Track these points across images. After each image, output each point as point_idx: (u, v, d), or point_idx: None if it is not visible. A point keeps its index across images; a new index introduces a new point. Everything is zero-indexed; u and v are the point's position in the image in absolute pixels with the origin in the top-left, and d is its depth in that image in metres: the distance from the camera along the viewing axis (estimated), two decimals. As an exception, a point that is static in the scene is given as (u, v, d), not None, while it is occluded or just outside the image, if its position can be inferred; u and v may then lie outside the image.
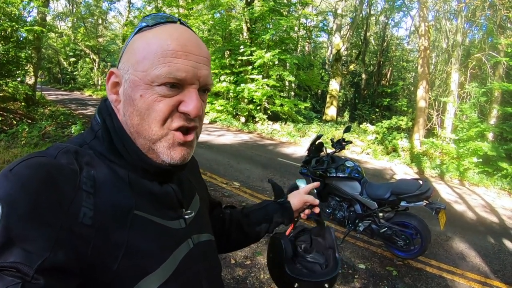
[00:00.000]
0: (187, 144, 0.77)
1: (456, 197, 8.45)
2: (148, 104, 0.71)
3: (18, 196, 0.55)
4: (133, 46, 0.75)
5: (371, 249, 4.93)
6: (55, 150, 0.69)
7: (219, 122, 18.52)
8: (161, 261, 0.72)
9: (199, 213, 0.93)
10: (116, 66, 0.79)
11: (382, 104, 26.65)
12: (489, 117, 14.25)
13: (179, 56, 0.71)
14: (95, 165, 0.71)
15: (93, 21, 35.42)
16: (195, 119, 0.76)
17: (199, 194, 1.00)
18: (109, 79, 0.78)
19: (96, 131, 0.78)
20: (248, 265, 4.15)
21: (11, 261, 0.51)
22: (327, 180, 4.97)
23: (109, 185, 0.70)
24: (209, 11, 18.74)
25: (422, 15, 15.40)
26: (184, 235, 0.82)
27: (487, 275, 4.52)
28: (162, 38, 0.72)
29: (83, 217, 0.62)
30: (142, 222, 0.71)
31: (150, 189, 0.77)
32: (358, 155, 13.21)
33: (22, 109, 14.34)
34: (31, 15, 16.00)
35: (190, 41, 0.74)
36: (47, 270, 0.53)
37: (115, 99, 0.77)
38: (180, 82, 0.72)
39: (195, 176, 1.04)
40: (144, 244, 0.70)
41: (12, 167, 0.60)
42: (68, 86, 38.21)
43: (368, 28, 28.62)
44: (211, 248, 0.95)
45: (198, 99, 0.75)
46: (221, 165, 8.90)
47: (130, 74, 0.73)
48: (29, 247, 0.53)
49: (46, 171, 0.61)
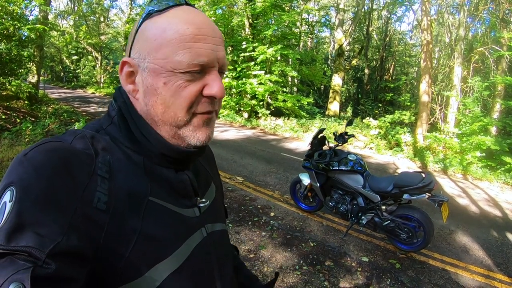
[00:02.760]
0: (210, 123, 0.78)
1: (459, 191, 8.44)
2: (173, 91, 0.71)
3: (32, 180, 0.56)
4: (147, 34, 0.72)
5: (374, 242, 4.94)
6: (72, 135, 0.70)
7: (222, 118, 18.48)
8: (174, 249, 0.73)
9: (214, 202, 0.93)
10: (128, 54, 0.77)
11: (385, 99, 26.54)
12: (492, 111, 14.17)
13: (198, 40, 0.70)
14: (111, 151, 0.71)
15: (95, 19, 35.29)
16: (217, 102, 0.77)
17: (215, 184, 1.00)
18: (122, 69, 0.75)
19: (113, 116, 0.78)
20: (251, 259, 4.18)
21: (22, 245, 0.50)
22: (329, 173, 4.98)
23: (124, 171, 0.70)
24: (211, 7, 18.68)
25: (425, 9, 15.30)
26: (198, 224, 0.82)
27: (490, 268, 4.53)
28: (178, 23, 0.70)
29: (97, 202, 0.62)
30: (157, 208, 0.72)
31: (166, 176, 0.77)
32: (361, 149, 13.19)
33: (26, 107, 14.38)
34: (33, 14, 16.02)
35: (204, 23, 0.73)
36: (59, 255, 0.53)
37: (132, 89, 0.75)
38: (203, 67, 0.71)
39: (211, 166, 1.04)
40: (157, 231, 0.70)
41: (27, 152, 0.60)
42: (71, 84, 38.34)
43: (371, 22, 28.47)
44: (224, 238, 0.95)
45: (221, 81, 0.75)
46: (224, 160, 8.91)
47: (148, 63, 0.71)
48: (42, 231, 0.52)
49: (60, 156, 0.61)
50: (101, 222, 0.62)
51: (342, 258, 4.44)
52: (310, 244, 4.72)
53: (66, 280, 0.53)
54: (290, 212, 5.78)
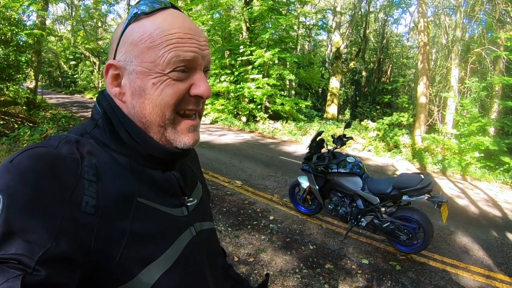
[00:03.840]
0: (196, 127, 0.79)
1: (459, 192, 8.44)
2: (161, 90, 0.72)
3: (18, 187, 0.55)
4: (133, 37, 0.73)
5: (374, 244, 4.93)
6: (56, 140, 0.69)
7: (220, 122, 18.53)
8: (164, 249, 0.72)
9: (201, 201, 0.94)
10: (112, 57, 0.77)
11: (383, 101, 26.59)
12: (490, 112, 14.20)
13: (183, 41, 0.72)
14: (96, 154, 0.71)
15: (92, 24, 35.43)
16: (201, 102, 0.78)
17: (201, 183, 1.00)
18: (108, 72, 0.76)
19: (97, 120, 0.77)
20: (251, 262, 4.16)
21: (12, 253, 0.50)
22: (328, 176, 4.97)
23: (111, 173, 0.70)
24: (208, 11, 18.76)
25: (421, 11, 15.38)
26: (187, 223, 0.82)
27: (491, 268, 4.52)
28: (165, 27, 0.71)
29: (86, 206, 0.62)
30: (145, 209, 0.71)
31: (153, 177, 0.77)
32: (359, 152, 13.20)
33: (24, 113, 14.39)
34: (30, 19, 16.08)
35: (191, 27, 0.74)
36: (49, 261, 0.52)
37: (118, 91, 0.76)
38: (189, 65, 0.73)
39: (196, 166, 1.04)
40: (147, 232, 0.70)
41: (13, 158, 0.59)
42: (69, 89, 38.43)
43: (368, 25, 28.61)
44: (213, 237, 0.95)
45: (207, 81, 0.77)
46: (223, 164, 8.90)
47: (135, 66, 0.72)
48: (30, 238, 0.52)
49: (46, 161, 0.61)
50: (90, 225, 0.61)
51: (342, 260, 4.42)
52: (309, 247, 4.71)
53: (57, 286, 0.53)
54: (289, 215, 5.77)
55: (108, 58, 0.78)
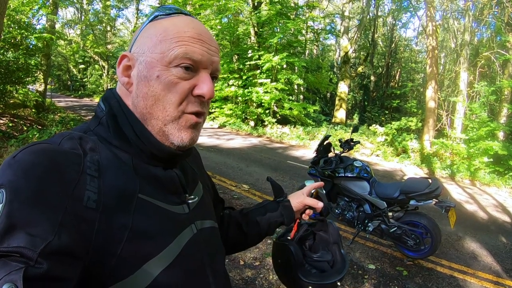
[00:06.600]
0: (197, 126, 0.80)
1: (467, 197, 8.38)
2: (165, 85, 0.74)
3: (21, 181, 0.56)
4: (150, 31, 0.77)
5: (381, 250, 4.91)
6: (59, 137, 0.70)
7: (228, 126, 18.58)
8: (165, 245, 0.73)
9: (203, 199, 0.94)
10: (129, 50, 0.81)
11: (392, 106, 26.53)
12: (499, 116, 14.12)
13: (195, 41, 0.75)
14: (99, 150, 0.72)
15: (101, 28, 35.66)
16: (206, 105, 0.80)
17: (202, 182, 1.01)
18: (121, 62, 0.79)
19: (101, 117, 0.79)
20: (257, 266, 4.16)
21: (14, 246, 0.51)
22: (335, 180, 4.96)
23: (113, 169, 0.71)
24: (217, 16, 18.83)
25: (430, 15, 15.31)
26: (188, 220, 0.83)
27: (499, 274, 4.48)
28: (180, 25, 0.76)
29: (88, 200, 0.63)
30: (146, 205, 0.72)
31: (154, 174, 0.78)
32: (368, 157, 13.16)
33: (33, 115, 14.48)
34: (40, 23, 16.32)
35: (204, 32, 0.78)
36: (51, 254, 0.53)
37: (127, 81, 0.78)
38: (195, 65, 0.76)
39: (198, 166, 1.06)
40: (148, 228, 0.71)
41: (15, 154, 0.61)
42: (78, 93, 38.66)
43: (376, 29, 28.52)
44: (214, 235, 0.96)
45: (211, 82, 0.78)
46: (230, 168, 8.93)
47: (146, 56, 0.75)
48: (33, 231, 0.53)
49: (49, 157, 0.62)
50: (92, 220, 0.62)
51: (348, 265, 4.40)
52: (316, 251, 4.68)
53: (58, 279, 0.53)
54: (296, 219, 5.73)
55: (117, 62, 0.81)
